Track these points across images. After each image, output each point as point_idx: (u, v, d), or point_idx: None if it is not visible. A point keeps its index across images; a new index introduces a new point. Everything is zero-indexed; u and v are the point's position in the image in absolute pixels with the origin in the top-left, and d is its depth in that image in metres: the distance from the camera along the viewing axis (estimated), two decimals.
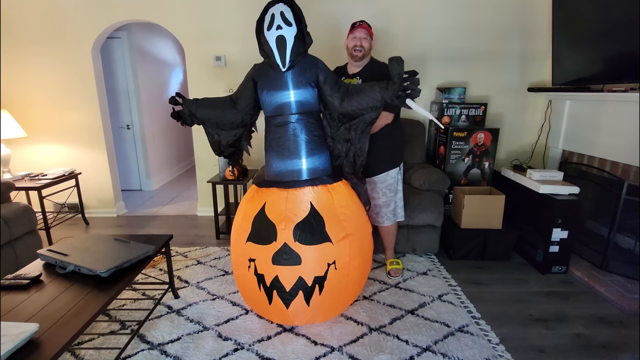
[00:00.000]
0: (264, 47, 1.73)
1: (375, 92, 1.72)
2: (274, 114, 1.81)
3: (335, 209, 1.75)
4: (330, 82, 1.81)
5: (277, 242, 1.67)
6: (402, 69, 1.65)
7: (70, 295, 1.43)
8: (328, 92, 1.80)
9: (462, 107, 2.93)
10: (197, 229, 3.21)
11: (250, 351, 1.67)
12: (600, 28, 2.35)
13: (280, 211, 1.71)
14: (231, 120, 1.92)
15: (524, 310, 2.01)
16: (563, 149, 2.88)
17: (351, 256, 1.75)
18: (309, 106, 1.80)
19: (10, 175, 3.05)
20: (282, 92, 1.76)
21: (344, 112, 1.81)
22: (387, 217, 2.26)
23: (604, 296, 2.13)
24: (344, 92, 1.80)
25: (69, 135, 3.35)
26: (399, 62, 1.64)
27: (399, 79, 1.65)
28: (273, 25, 1.67)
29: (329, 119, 1.89)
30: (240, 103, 1.90)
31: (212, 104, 1.93)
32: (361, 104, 1.75)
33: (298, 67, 1.75)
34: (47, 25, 3.11)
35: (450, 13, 3.03)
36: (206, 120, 1.93)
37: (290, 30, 1.67)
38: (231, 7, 3.07)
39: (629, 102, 2.23)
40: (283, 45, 1.67)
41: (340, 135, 1.89)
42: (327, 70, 1.83)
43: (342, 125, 1.87)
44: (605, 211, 2.40)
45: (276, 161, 1.82)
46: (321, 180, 1.80)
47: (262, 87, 1.80)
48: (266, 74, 1.79)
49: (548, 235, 2.34)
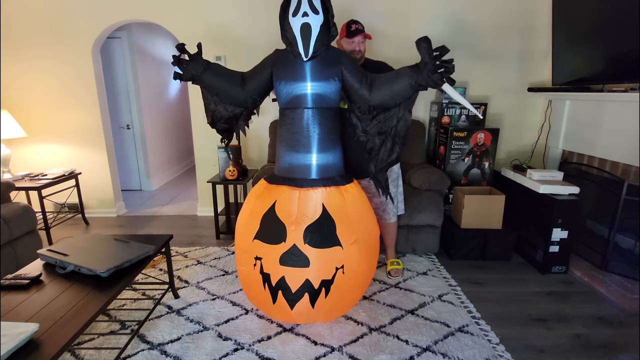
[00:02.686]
0: (287, 34, 1.64)
1: (406, 76, 1.64)
2: (289, 106, 1.74)
3: (347, 212, 1.71)
4: (357, 75, 1.73)
5: (286, 243, 1.65)
6: (431, 48, 1.55)
7: (70, 295, 1.43)
8: (356, 86, 1.72)
9: (462, 107, 2.93)
10: (197, 229, 3.21)
11: (250, 351, 1.67)
12: (600, 28, 2.35)
13: (291, 211, 1.68)
14: (233, 96, 1.82)
15: (524, 310, 2.01)
16: (563, 149, 2.89)
17: (360, 261, 1.73)
18: (326, 101, 1.73)
19: (10, 175, 3.05)
20: (300, 83, 1.69)
21: (375, 103, 1.72)
22: (392, 213, 2.29)
23: (604, 296, 2.13)
24: (371, 82, 1.72)
25: (69, 135, 3.35)
26: (427, 41, 1.56)
27: (431, 58, 1.55)
28: (299, 11, 1.57)
29: (358, 113, 1.81)
30: (249, 85, 1.81)
31: (221, 73, 1.81)
32: (393, 91, 1.67)
33: (320, 59, 1.68)
34: (47, 25, 3.11)
35: (450, 13, 3.03)
36: (208, 86, 1.80)
37: (317, 18, 1.58)
38: (231, 7, 3.07)
39: (629, 102, 2.23)
40: (308, 34, 1.58)
41: (374, 129, 1.80)
42: (353, 64, 1.76)
43: (375, 119, 1.79)
44: (605, 211, 2.39)
45: (287, 154, 1.77)
46: (334, 181, 1.76)
47: (279, 78, 1.73)
48: (285, 63, 1.71)
49: (548, 235, 2.34)
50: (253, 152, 3.41)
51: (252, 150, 3.40)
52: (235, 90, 1.81)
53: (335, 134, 1.81)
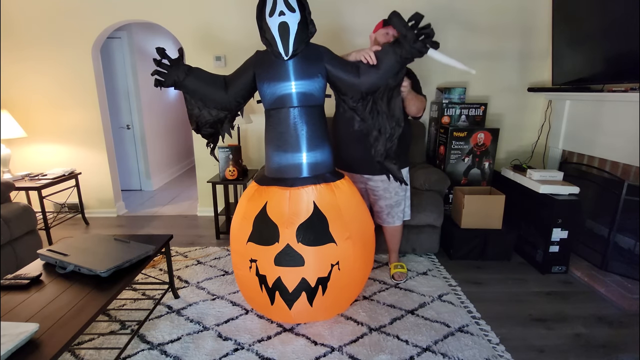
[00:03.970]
0: (266, 35, 1.65)
1: (390, 54, 1.63)
2: (274, 106, 1.74)
3: (339, 209, 1.72)
4: (341, 66, 1.72)
5: (279, 243, 1.65)
6: (404, 20, 1.56)
7: (70, 295, 1.43)
8: (344, 77, 1.71)
9: (462, 107, 2.93)
10: (197, 229, 3.21)
11: (250, 351, 1.67)
12: (600, 28, 2.35)
13: (282, 211, 1.68)
14: (217, 100, 1.80)
15: (524, 310, 2.01)
16: (563, 149, 2.89)
17: (355, 257, 1.74)
18: (312, 99, 1.73)
19: (10, 175, 3.05)
20: (283, 83, 1.68)
21: (366, 87, 1.71)
22: (397, 217, 2.24)
23: (604, 296, 2.13)
24: (357, 68, 1.72)
25: (69, 135, 3.35)
26: (397, 15, 1.56)
27: (407, 29, 1.55)
28: (275, 11, 1.57)
29: (352, 103, 1.78)
30: (232, 88, 1.79)
31: (204, 78, 1.79)
32: (380, 71, 1.66)
33: (301, 57, 1.68)
34: (47, 26, 3.11)
35: (450, 13, 3.03)
36: (190, 91, 1.79)
37: (293, 16, 1.58)
38: (231, 7, 3.07)
39: (629, 102, 2.23)
40: (286, 33, 1.59)
41: (370, 111, 1.77)
42: (334, 56, 1.76)
43: (369, 104, 1.76)
44: (605, 211, 2.39)
45: (276, 155, 1.77)
46: (324, 178, 1.76)
47: (262, 79, 1.72)
48: (267, 63, 1.71)
49: (548, 235, 2.34)
50: (253, 152, 3.41)
51: (252, 150, 3.40)
52: (219, 94, 1.80)
53: (323, 132, 1.80)
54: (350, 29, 3.09)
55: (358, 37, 3.07)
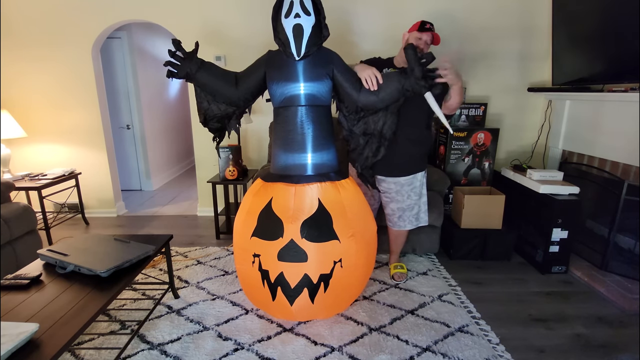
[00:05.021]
0: (280, 35, 1.69)
1: (394, 81, 1.70)
2: (283, 105, 1.78)
3: (343, 207, 1.74)
4: (347, 75, 1.78)
5: (283, 239, 1.66)
6: (417, 55, 1.63)
7: (70, 295, 1.43)
8: (346, 86, 1.77)
9: (462, 107, 2.93)
10: (197, 229, 3.21)
11: (250, 351, 1.67)
12: (600, 28, 2.35)
13: (287, 207, 1.70)
14: (227, 95, 1.84)
15: (524, 310, 2.01)
16: (563, 149, 2.89)
17: (357, 255, 1.75)
18: (319, 100, 1.76)
19: (10, 175, 3.05)
20: (292, 83, 1.72)
21: (363, 104, 1.78)
22: (409, 221, 2.20)
23: (604, 296, 2.13)
24: (361, 84, 1.77)
25: (69, 135, 3.35)
26: (413, 48, 1.63)
27: (417, 65, 1.63)
28: (291, 13, 1.62)
29: (346, 112, 1.86)
30: (242, 85, 1.84)
31: (215, 72, 1.83)
32: (381, 94, 1.73)
33: (312, 59, 1.72)
34: (47, 26, 3.10)
35: (449, 13, 3.03)
36: (201, 84, 1.83)
37: (308, 19, 1.63)
38: (231, 7, 3.07)
39: (629, 102, 2.23)
40: (300, 35, 1.63)
41: (359, 129, 1.87)
42: (343, 64, 1.80)
43: (361, 120, 1.84)
44: (605, 211, 2.40)
45: (282, 154, 1.80)
46: (328, 176, 1.79)
47: (272, 79, 1.76)
48: (278, 63, 1.75)
49: (548, 235, 2.34)
50: (253, 152, 3.41)
51: (252, 150, 3.40)
52: (229, 90, 1.84)
53: (329, 132, 1.84)
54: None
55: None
